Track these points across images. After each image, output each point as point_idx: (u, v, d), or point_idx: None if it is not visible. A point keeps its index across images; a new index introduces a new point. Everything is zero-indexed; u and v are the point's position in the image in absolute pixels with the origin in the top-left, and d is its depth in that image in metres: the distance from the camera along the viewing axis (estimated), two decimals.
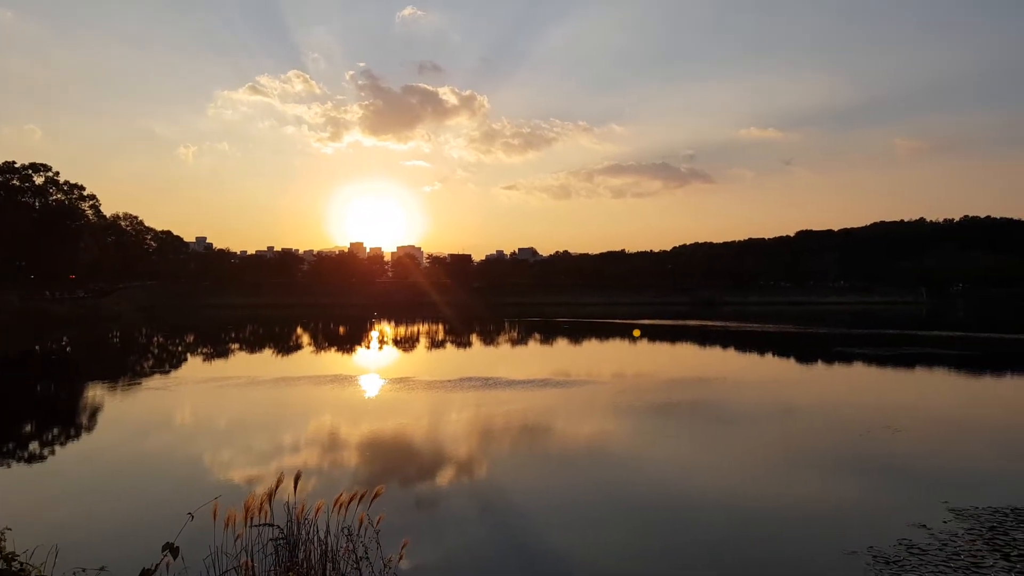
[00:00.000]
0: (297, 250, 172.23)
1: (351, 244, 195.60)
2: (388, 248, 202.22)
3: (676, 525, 9.35)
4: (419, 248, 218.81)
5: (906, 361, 31.59)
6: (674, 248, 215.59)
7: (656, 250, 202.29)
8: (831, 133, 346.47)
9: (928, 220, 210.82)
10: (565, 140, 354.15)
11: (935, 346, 39.35)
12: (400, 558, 4.62)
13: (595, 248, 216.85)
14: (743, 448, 14.09)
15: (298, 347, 42.37)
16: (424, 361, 33.45)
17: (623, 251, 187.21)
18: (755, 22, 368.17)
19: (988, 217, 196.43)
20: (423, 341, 46.17)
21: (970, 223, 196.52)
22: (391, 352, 38.03)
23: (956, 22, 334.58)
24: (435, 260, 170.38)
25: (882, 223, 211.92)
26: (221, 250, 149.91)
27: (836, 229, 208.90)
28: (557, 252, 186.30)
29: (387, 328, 60.22)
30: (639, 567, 7.98)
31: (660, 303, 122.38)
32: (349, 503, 5.36)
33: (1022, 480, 11.57)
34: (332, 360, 33.70)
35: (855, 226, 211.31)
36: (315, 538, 6.14)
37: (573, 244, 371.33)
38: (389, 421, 16.79)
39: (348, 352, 38.36)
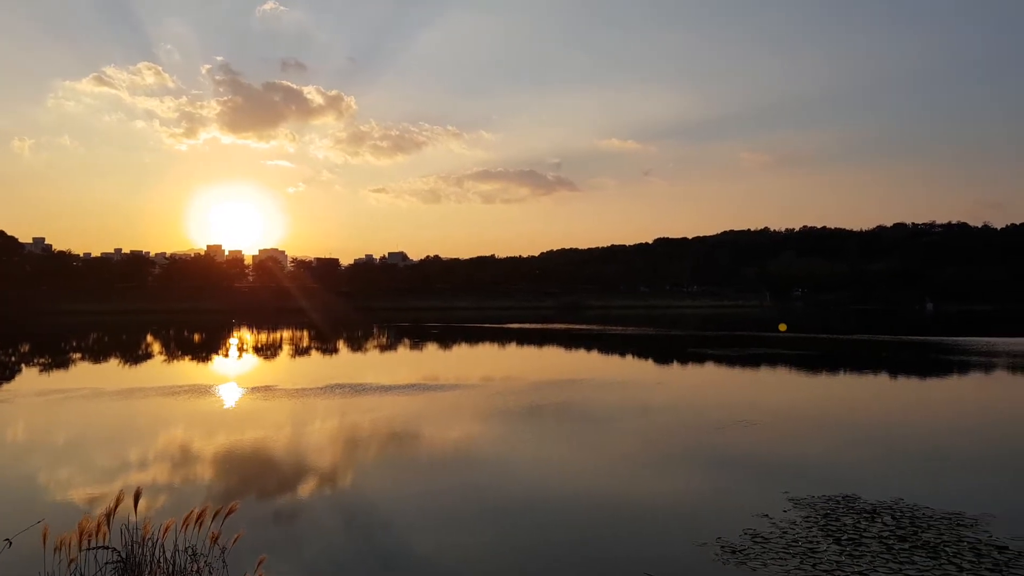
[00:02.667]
0: (148, 252, 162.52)
1: (208, 247, 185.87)
2: (249, 251, 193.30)
3: (540, 525, 9.53)
4: (283, 251, 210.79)
5: (753, 361, 33.79)
6: (542, 253, 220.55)
7: (525, 255, 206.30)
8: (685, 146, 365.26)
9: (772, 229, 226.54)
10: (435, 144, 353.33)
11: (778, 347, 42.36)
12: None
13: (465, 253, 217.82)
14: (605, 447, 14.57)
15: (149, 356, 39.86)
16: (288, 369, 32.35)
17: (493, 256, 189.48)
18: (616, 38, 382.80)
19: (824, 227, 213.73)
20: (287, 348, 44.64)
21: (808, 232, 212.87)
22: (252, 360, 36.52)
23: (797, 46, 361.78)
24: (300, 264, 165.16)
25: (731, 231, 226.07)
26: (62, 252, 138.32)
27: (690, 237, 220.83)
28: (428, 256, 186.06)
29: (248, 335, 57.78)
30: (504, 568, 8.06)
31: (528, 307, 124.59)
32: (199, 521, 5.08)
33: (853, 470, 12.63)
34: (187, 369, 31.95)
35: (707, 234, 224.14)
36: (161, 559, 5.79)
37: (443, 248, 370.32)
38: (249, 433, 16.09)
39: (205, 361, 36.48)
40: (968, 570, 7.69)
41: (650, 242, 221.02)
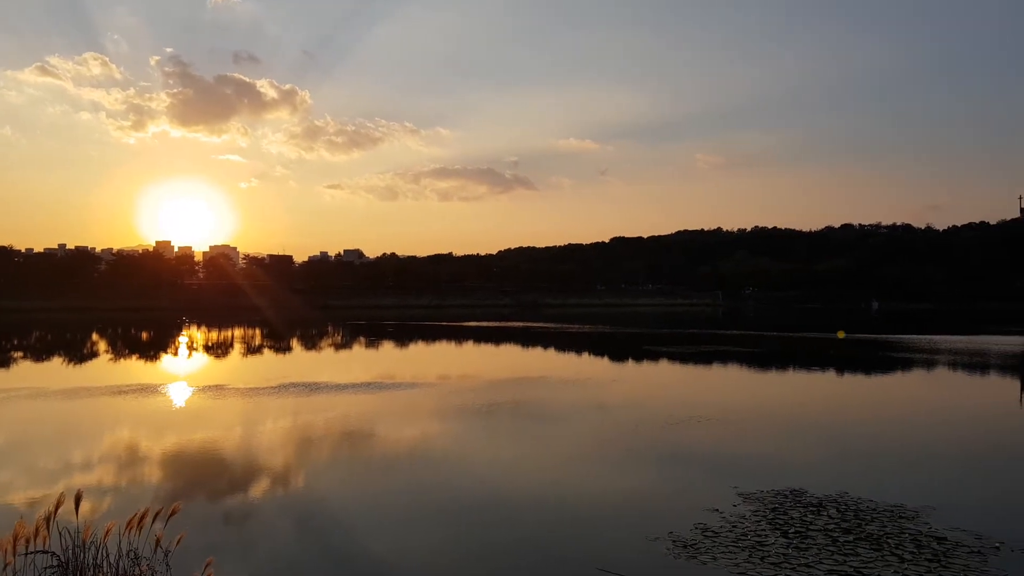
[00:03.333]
0: (94, 248, 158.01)
1: (157, 243, 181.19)
2: (200, 247, 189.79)
3: (494, 523, 9.54)
4: (234, 248, 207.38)
5: (705, 358, 34.33)
6: (499, 252, 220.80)
7: (482, 253, 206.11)
8: (641, 146, 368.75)
9: (724, 229, 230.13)
10: (391, 141, 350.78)
11: (730, 344, 43.11)
12: None
13: (422, 251, 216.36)
14: (561, 444, 14.65)
15: (94, 355, 38.79)
16: (240, 367, 31.80)
17: (450, 254, 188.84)
18: (574, 38, 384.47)
19: (775, 227, 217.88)
20: (239, 346, 43.87)
21: (759, 232, 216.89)
22: (203, 359, 35.81)
23: (751, 50, 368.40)
24: (253, 261, 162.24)
25: (686, 231, 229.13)
26: (3, 247, 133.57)
27: (646, 236, 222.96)
28: (384, 254, 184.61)
29: (199, 333, 56.64)
30: (457, 567, 8.05)
31: (486, 305, 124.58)
32: (142, 522, 4.96)
33: (800, 464, 12.93)
34: (134, 368, 31.18)
35: (663, 234, 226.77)
36: (104, 563, 5.64)
37: (400, 246, 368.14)
38: (198, 433, 15.78)
39: (153, 359, 35.66)
40: (909, 561, 7.93)
41: (607, 241, 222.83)
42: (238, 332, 57.15)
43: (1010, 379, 28.03)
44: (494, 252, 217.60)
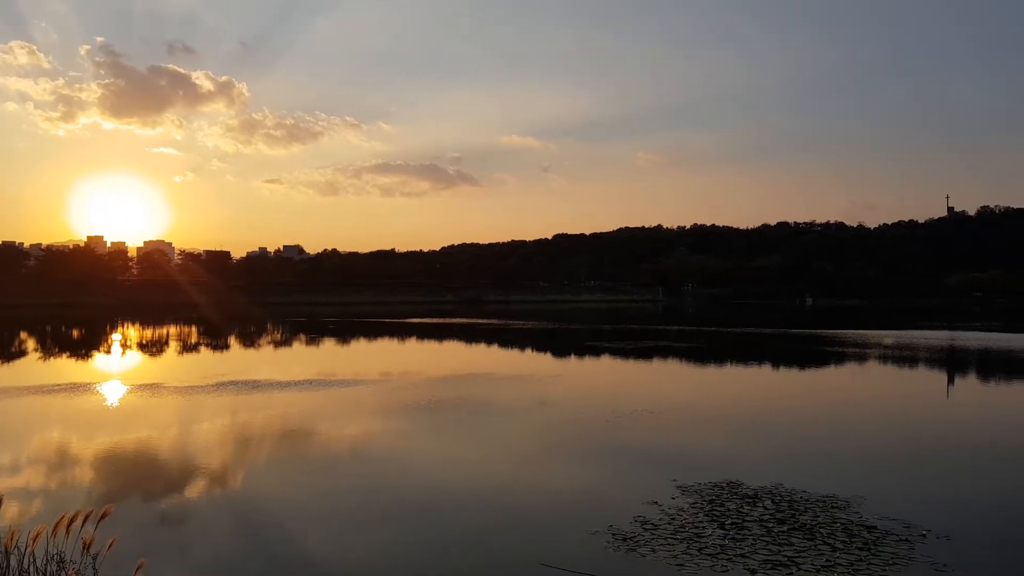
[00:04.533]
0: (22, 243, 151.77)
1: (89, 238, 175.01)
2: (133, 243, 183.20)
3: (435, 521, 9.51)
4: (170, 243, 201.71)
5: (646, 353, 34.89)
6: (443, 248, 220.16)
7: (426, 250, 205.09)
8: (583, 144, 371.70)
9: (664, 227, 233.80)
10: (332, 135, 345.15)
11: (670, 340, 43.89)
12: None
13: (365, 247, 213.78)
14: (504, 440, 14.70)
15: (22, 353, 37.26)
16: (176, 365, 30.95)
17: (393, 250, 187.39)
18: (515, 36, 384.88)
19: (713, 225, 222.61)
20: (176, 344, 42.68)
21: (698, 230, 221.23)
22: (137, 356, 34.73)
23: (691, 50, 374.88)
24: (189, 256, 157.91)
25: (627, 228, 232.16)
26: None
27: (588, 233, 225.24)
28: (325, 250, 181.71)
29: (133, 330, 54.91)
30: (398, 566, 8.01)
31: (429, 302, 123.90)
32: (71, 526, 4.79)
33: (737, 457, 13.25)
34: (65, 367, 30.04)
35: (604, 231, 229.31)
36: (32, 567, 5.43)
37: (342, 242, 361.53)
38: (132, 432, 15.30)
39: (85, 357, 34.41)
40: (841, 549, 8.21)
41: (550, 238, 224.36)
42: (174, 329, 55.58)
43: (936, 372, 29.24)
44: (437, 249, 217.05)
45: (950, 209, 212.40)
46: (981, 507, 10.21)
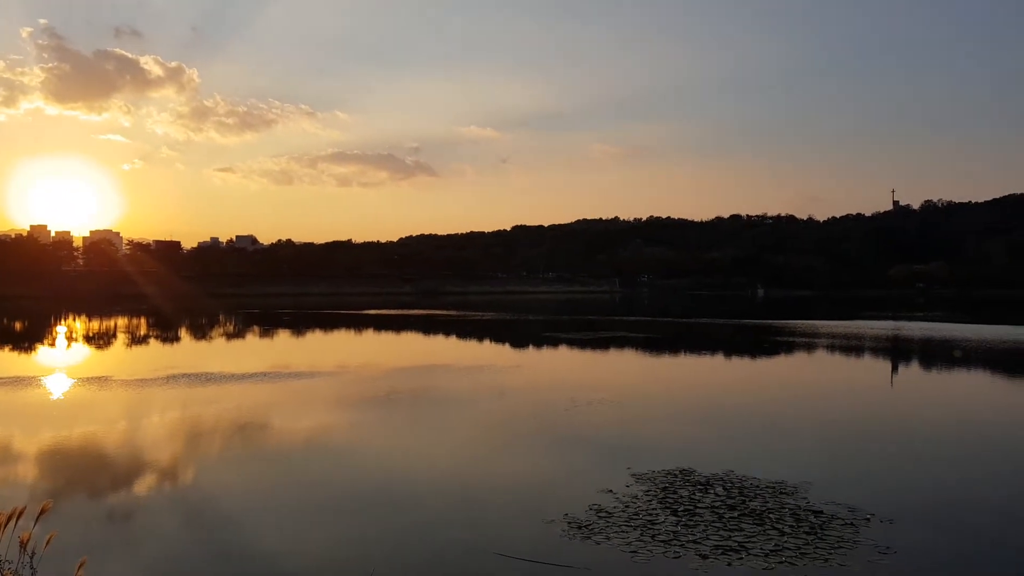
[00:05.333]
0: None
1: (32, 227, 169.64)
2: (79, 232, 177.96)
3: (393, 512, 9.47)
4: (118, 233, 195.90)
5: (603, 344, 35.18)
6: (400, 239, 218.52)
7: (383, 241, 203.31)
8: (540, 135, 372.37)
9: (621, 219, 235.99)
10: (286, 123, 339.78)
11: (626, 330, 44.34)
12: None
13: (320, 237, 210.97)
14: (460, 431, 14.69)
15: None
16: (126, 358, 30.19)
17: (349, 241, 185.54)
18: (473, 26, 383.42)
19: (668, 217, 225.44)
20: (124, 336, 41.63)
21: (654, 222, 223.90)
22: (85, 349, 33.80)
23: (647, 42, 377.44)
24: (138, 247, 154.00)
25: (584, 220, 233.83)
26: None
27: (546, 225, 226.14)
28: (279, 240, 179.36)
29: (79, 322, 53.41)
30: (353, 558, 7.93)
31: (386, 293, 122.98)
32: (7, 524, 4.62)
33: (690, 444, 13.47)
34: (6, 360, 29.05)
35: (562, 223, 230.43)
36: None
37: (297, 233, 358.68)
38: (77, 427, 14.88)
39: (29, 351, 33.35)
40: (788, 534, 8.40)
41: (508, 229, 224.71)
42: (123, 321, 54.20)
43: (881, 361, 30.09)
44: (395, 240, 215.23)
45: (896, 203, 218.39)
46: (923, 491, 10.55)
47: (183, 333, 45.45)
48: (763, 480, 10.64)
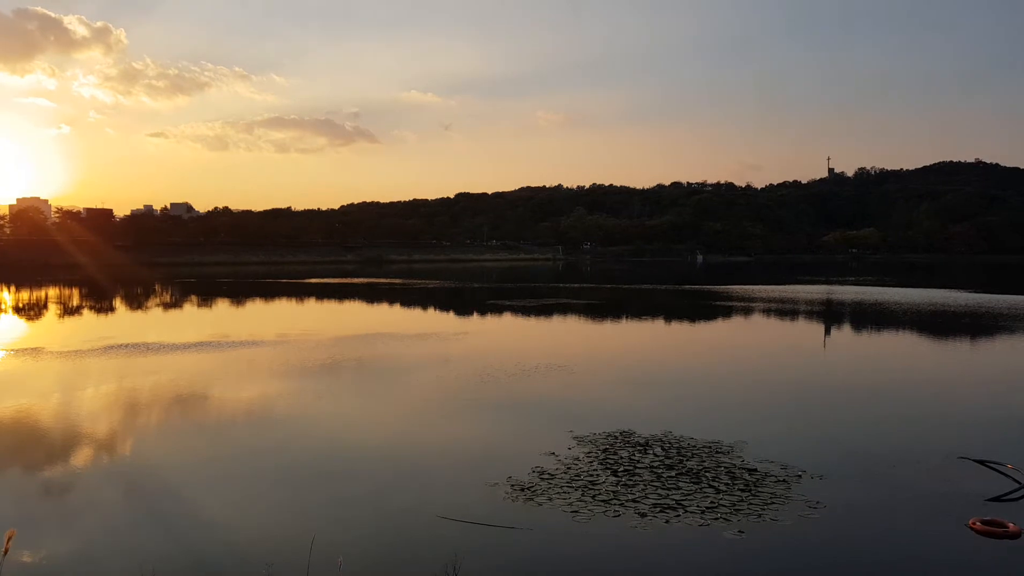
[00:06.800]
0: None
1: None
2: (4, 200, 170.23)
3: (336, 479, 9.48)
4: (46, 201, 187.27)
5: (547, 310, 35.48)
6: (342, 207, 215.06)
7: (324, 208, 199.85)
8: (483, 102, 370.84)
9: (565, 186, 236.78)
10: (220, 86, 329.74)
11: (569, 297, 44.78)
12: (4, 552, 3.99)
13: (258, 205, 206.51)
14: (405, 398, 14.71)
15: None
16: (58, 329, 29.17)
17: (289, 208, 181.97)
18: None
19: (611, 185, 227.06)
20: (56, 307, 40.14)
21: (597, 189, 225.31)
22: (14, 321, 32.52)
23: (589, 8, 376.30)
24: (67, 215, 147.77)
25: (528, 188, 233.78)
26: None
27: (490, 192, 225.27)
28: (216, 208, 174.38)
29: (7, 293, 51.28)
30: (297, 525, 7.92)
31: (328, 261, 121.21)
32: None
33: (630, 407, 13.77)
34: None
35: (506, 190, 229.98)
36: None
37: (234, 200, 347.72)
38: (9, 400, 14.38)
39: None
40: (724, 491, 8.72)
41: (451, 197, 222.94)
42: (54, 292, 52.24)
43: (814, 324, 31.13)
44: (336, 207, 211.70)
45: (831, 170, 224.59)
46: (851, 448, 11.04)
47: (118, 303, 44.10)
48: (700, 440, 10.98)
